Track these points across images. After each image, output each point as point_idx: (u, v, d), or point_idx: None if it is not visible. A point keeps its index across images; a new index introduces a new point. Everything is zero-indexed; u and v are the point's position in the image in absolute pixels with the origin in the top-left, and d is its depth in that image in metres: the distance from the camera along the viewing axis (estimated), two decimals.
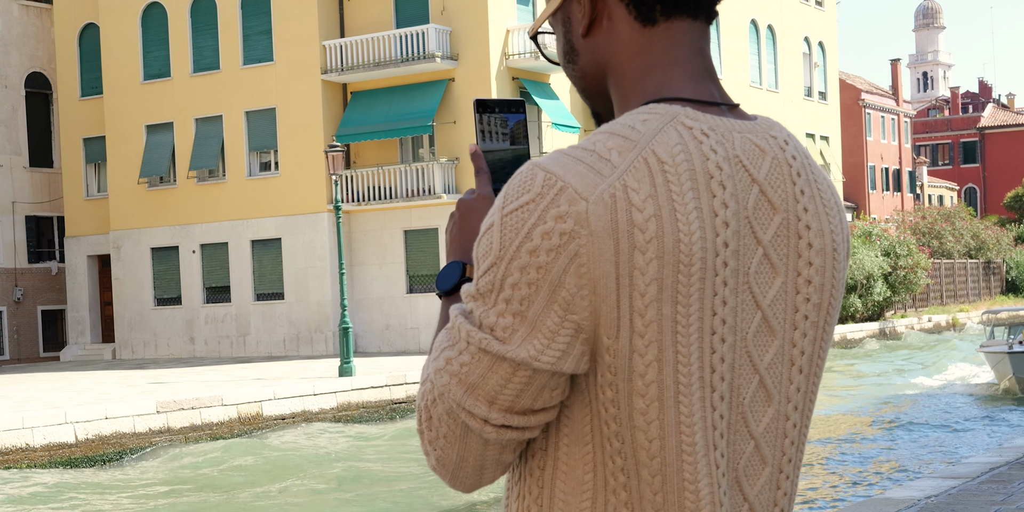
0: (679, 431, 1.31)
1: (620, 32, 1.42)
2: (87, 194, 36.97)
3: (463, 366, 1.31)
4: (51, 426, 17.81)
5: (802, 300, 1.40)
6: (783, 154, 1.41)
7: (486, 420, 1.32)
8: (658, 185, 1.29)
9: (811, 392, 1.44)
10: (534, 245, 1.27)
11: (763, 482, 1.40)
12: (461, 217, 1.49)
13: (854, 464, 16.23)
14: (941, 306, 50.10)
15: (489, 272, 1.30)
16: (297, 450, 18.50)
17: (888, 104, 68.70)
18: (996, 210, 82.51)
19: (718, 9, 1.45)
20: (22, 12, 37.85)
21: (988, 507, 8.11)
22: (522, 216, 1.28)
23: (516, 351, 1.29)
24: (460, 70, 31.05)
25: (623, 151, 1.31)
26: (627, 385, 1.30)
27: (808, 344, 1.42)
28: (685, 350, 1.30)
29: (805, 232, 1.40)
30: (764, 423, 1.39)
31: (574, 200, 1.27)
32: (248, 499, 14.88)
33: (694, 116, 1.36)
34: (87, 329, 36.64)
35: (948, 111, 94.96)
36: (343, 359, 23.49)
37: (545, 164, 1.31)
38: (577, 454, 1.35)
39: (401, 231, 31.62)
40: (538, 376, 1.30)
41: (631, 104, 1.42)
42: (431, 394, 1.35)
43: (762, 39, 43.57)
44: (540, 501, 1.37)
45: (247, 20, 33.44)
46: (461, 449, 1.35)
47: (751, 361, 1.36)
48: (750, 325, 1.36)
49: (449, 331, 1.34)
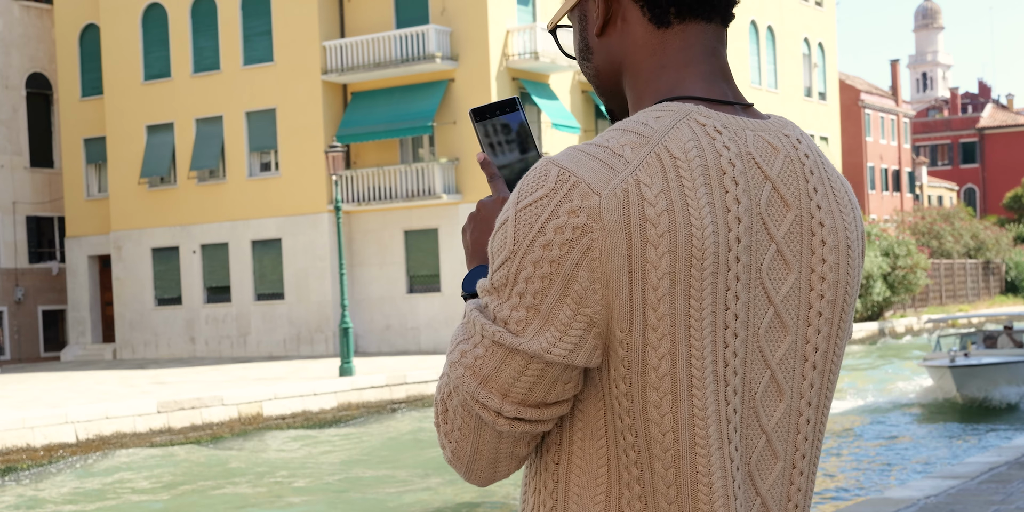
0: (692, 424, 1.32)
1: (634, 33, 1.44)
2: (88, 194, 36.98)
3: (477, 359, 1.33)
4: (52, 426, 17.83)
5: (816, 297, 1.41)
6: (795, 152, 1.43)
7: (499, 412, 1.34)
8: (671, 180, 1.31)
9: (826, 389, 1.45)
10: (547, 239, 1.29)
11: (775, 477, 1.41)
12: (481, 219, 1.50)
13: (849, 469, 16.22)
14: (940, 306, 50.10)
15: (503, 266, 1.32)
16: (288, 454, 18.51)
17: (887, 104, 68.68)
18: (995, 210, 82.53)
19: (735, 12, 1.47)
20: (23, 13, 37.87)
21: (987, 507, 8.13)
22: (536, 211, 1.30)
23: (529, 344, 1.30)
24: (460, 71, 31.07)
25: (636, 147, 1.33)
26: (640, 378, 1.32)
27: (822, 341, 1.42)
28: (698, 344, 1.31)
29: (819, 229, 1.41)
30: (776, 418, 1.40)
31: (587, 195, 1.29)
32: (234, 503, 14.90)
33: (707, 113, 1.37)
34: (88, 329, 36.65)
35: (947, 111, 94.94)
36: (343, 359, 23.51)
37: (559, 160, 1.33)
38: (591, 448, 1.36)
39: (401, 231, 31.64)
40: (551, 369, 1.32)
41: (645, 102, 1.44)
42: (447, 387, 1.37)
43: (762, 39, 43.58)
44: (555, 495, 1.39)
45: (247, 20, 33.46)
46: (475, 442, 1.37)
47: (763, 356, 1.38)
48: (762, 321, 1.37)
49: (464, 325, 1.36)
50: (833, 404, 14.18)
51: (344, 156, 26.89)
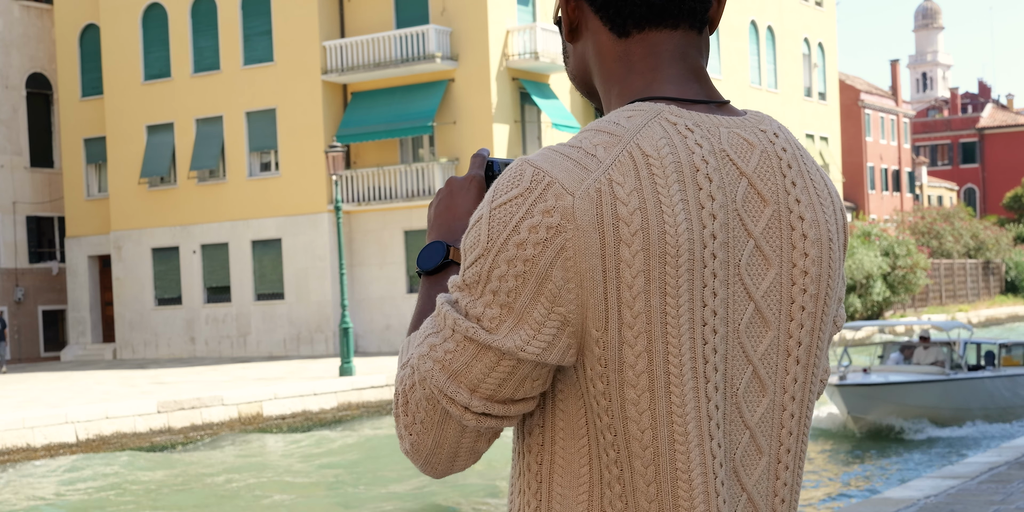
0: (671, 421, 1.33)
1: (599, 41, 1.45)
2: (88, 194, 36.98)
3: (448, 353, 1.33)
4: (52, 426, 17.83)
5: (798, 291, 1.41)
6: (772, 146, 1.42)
7: (467, 407, 1.35)
8: (643, 178, 1.31)
9: (811, 383, 1.45)
10: (521, 238, 1.30)
11: (760, 472, 1.41)
12: (449, 194, 1.52)
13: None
14: (940, 306, 50.11)
15: (476, 263, 1.32)
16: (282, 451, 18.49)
17: (887, 104, 68.68)
18: (995, 210, 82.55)
19: (729, 13, 1.46)
20: (23, 13, 37.87)
21: (987, 507, 8.13)
22: (510, 210, 1.31)
23: (503, 341, 1.31)
24: (460, 71, 31.08)
25: (609, 146, 1.33)
26: (618, 376, 1.32)
27: (805, 335, 1.42)
28: (675, 341, 1.32)
29: (798, 223, 1.41)
30: (759, 413, 1.40)
31: (561, 195, 1.30)
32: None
33: (678, 112, 1.38)
34: (88, 329, 36.65)
35: (947, 111, 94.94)
36: (343, 359, 23.52)
37: (534, 160, 1.34)
38: (573, 448, 1.37)
39: (401, 231, 31.65)
40: (522, 366, 1.32)
41: (615, 105, 1.45)
42: (410, 379, 1.37)
43: (762, 39, 43.58)
44: (539, 495, 1.40)
45: (247, 20, 33.46)
46: (437, 435, 1.38)
47: (744, 352, 1.38)
48: (742, 316, 1.37)
49: (435, 318, 1.37)
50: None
51: (344, 156, 26.89)
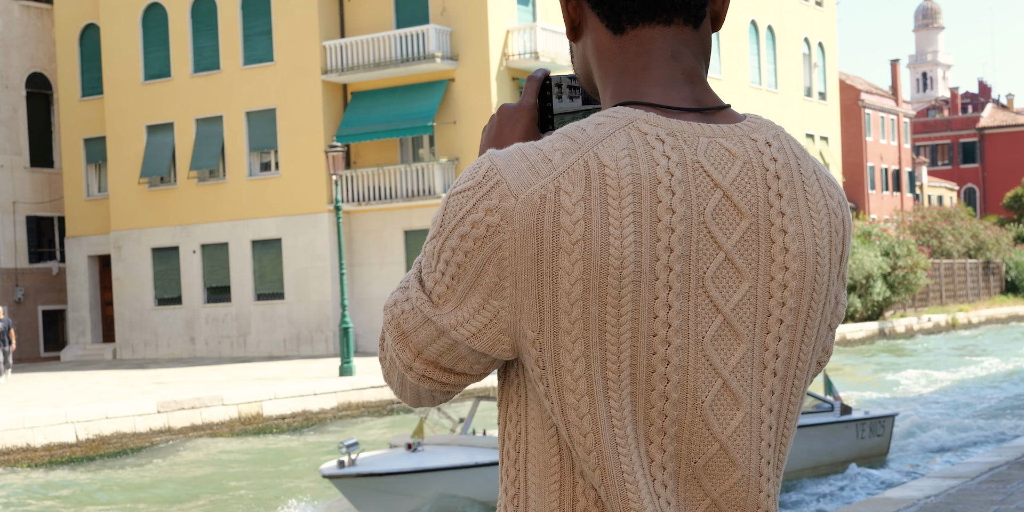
0: (612, 425, 1.33)
1: (597, 38, 1.45)
2: (88, 194, 36.99)
3: (403, 313, 1.40)
4: (52, 426, 17.83)
5: (776, 304, 1.39)
6: (760, 157, 1.39)
7: (410, 367, 1.41)
8: (594, 189, 1.31)
9: (791, 394, 1.43)
10: (464, 231, 1.33)
11: (733, 483, 1.40)
12: (499, 123, 1.53)
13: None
14: (941, 306, 50.11)
15: (432, 241, 1.38)
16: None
17: (888, 104, 68.69)
18: (995, 210, 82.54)
19: (727, 11, 1.47)
20: (23, 12, 37.87)
21: (987, 507, 8.13)
22: (461, 200, 1.34)
23: (441, 318, 1.36)
24: (460, 70, 31.08)
25: (567, 153, 1.33)
26: (556, 379, 1.34)
27: (784, 347, 1.40)
28: (614, 348, 1.32)
29: (779, 236, 1.38)
30: (732, 426, 1.38)
31: (505, 196, 1.32)
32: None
33: (653, 121, 1.36)
34: (88, 329, 36.65)
35: (948, 111, 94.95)
36: (343, 359, 23.52)
37: (496, 155, 1.35)
38: (542, 437, 1.39)
39: (401, 231, 31.65)
40: (459, 345, 1.37)
41: (607, 105, 1.45)
42: (383, 321, 1.45)
43: (762, 39, 43.58)
44: (517, 483, 1.42)
45: (247, 20, 33.46)
46: (400, 377, 1.45)
47: (711, 364, 1.36)
48: (707, 329, 1.35)
49: (410, 276, 1.42)
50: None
51: (344, 156, 26.88)
